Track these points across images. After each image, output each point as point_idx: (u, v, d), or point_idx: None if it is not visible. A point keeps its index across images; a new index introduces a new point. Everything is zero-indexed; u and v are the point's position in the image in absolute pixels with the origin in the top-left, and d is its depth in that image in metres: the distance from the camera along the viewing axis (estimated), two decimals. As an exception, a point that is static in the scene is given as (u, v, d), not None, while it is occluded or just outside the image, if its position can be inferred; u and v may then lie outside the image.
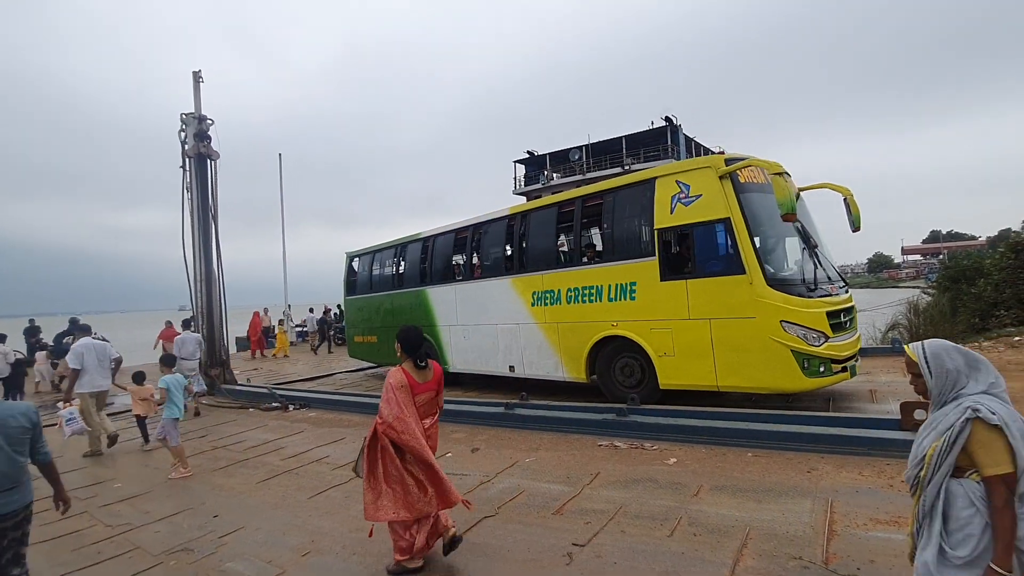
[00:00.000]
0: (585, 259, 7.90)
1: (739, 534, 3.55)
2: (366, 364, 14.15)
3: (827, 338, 5.95)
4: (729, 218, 6.17)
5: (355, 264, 13.40)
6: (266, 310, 21.16)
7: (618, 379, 7.48)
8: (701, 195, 6.44)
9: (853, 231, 6.63)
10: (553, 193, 16.78)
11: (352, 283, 13.39)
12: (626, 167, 29.88)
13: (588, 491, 4.56)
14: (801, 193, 7.02)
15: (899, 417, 4.76)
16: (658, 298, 6.80)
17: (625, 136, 32.35)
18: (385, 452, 3.38)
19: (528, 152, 36.57)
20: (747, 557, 3.27)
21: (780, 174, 6.44)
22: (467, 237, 9.89)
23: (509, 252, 9.22)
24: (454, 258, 10.45)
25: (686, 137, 32.35)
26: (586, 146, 34.11)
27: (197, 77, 11.69)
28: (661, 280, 6.77)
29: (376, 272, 12.46)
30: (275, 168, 23.79)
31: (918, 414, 4.66)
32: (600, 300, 7.45)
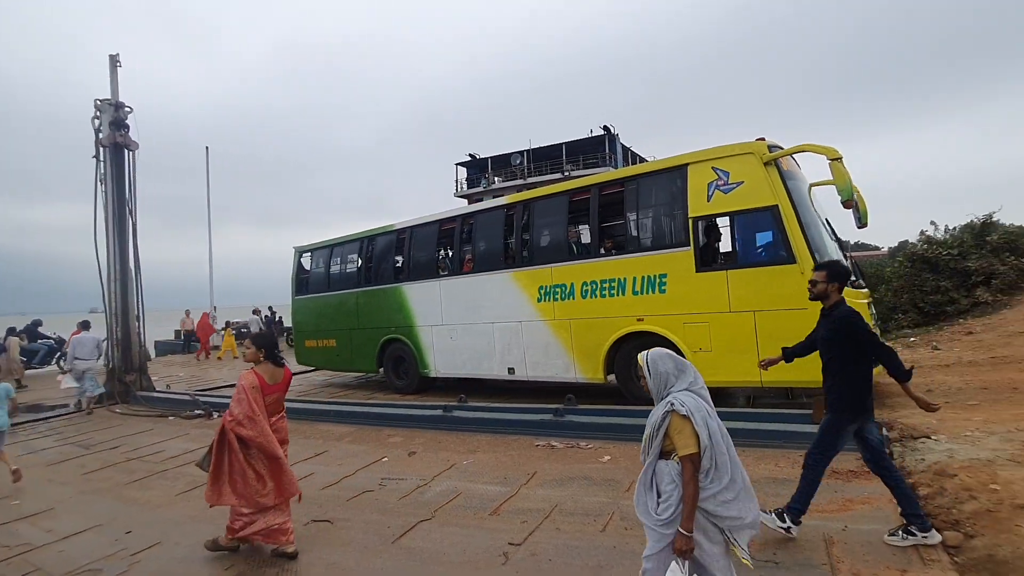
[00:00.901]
0: (604, 250, 7.39)
1: (667, 526, 3.71)
2: (310, 369, 13.40)
3: None
4: (777, 206, 5.92)
5: (306, 260, 12.18)
6: (215, 308, 20.50)
7: (639, 379, 7.05)
8: (743, 182, 6.16)
9: (844, 207, 5.87)
10: (495, 196, 16.71)
11: (303, 281, 12.07)
12: (566, 173, 30.47)
13: (525, 491, 4.62)
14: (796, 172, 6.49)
15: (811, 411, 5.14)
16: (693, 290, 6.45)
17: (565, 143, 33.00)
18: (231, 447, 3.70)
19: (470, 155, 36.54)
20: (674, 548, 3.41)
21: (838, 159, 5.97)
22: (455, 229, 9.07)
23: (509, 244, 8.46)
24: (438, 252, 9.65)
25: (623, 146, 33.45)
26: (528, 151, 34.50)
27: (114, 61, 10.88)
28: (697, 271, 6.42)
29: (335, 268, 11.26)
30: (203, 163, 22.52)
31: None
32: (623, 294, 6.96)
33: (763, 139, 6.27)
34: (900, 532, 3.23)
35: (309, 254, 12.12)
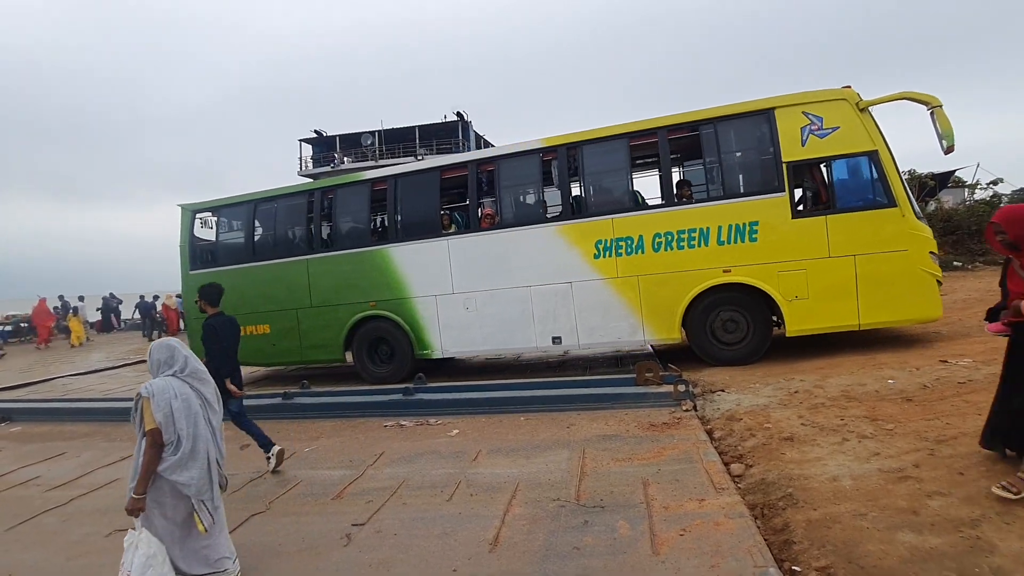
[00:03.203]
0: (679, 198, 6.92)
1: (510, 488, 3.90)
2: (104, 367, 11.46)
3: None
4: (876, 151, 6.03)
5: (202, 223, 9.39)
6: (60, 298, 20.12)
7: (718, 336, 6.72)
8: (838, 127, 6.17)
9: (945, 153, 5.93)
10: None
11: (203, 251, 9.27)
12: (419, 157, 30.01)
13: (371, 472, 4.51)
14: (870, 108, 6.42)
15: (635, 376, 5.78)
16: (788, 237, 6.33)
17: (419, 126, 32.45)
18: None
19: (316, 131, 34.11)
20: (516, 506, 3.61)
21: (940, 107, 5.99)
22: (467, 176, 7.69)
23: (551, 194, 7.61)
24: (442, 205, 8.01)
25: (476, 133, 33.91)
26: (379, 132, 33.25)
27: None
28: (793, 217, 6.32)
29: (264, 232, 8.95)
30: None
31: (649, 374, 5.74)
32: (705, 245, 6.57)
33: (849, 87, 6.41)
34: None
35: (211, 214, 9.34)
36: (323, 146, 34.84)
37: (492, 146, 33.17)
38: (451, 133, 32.46)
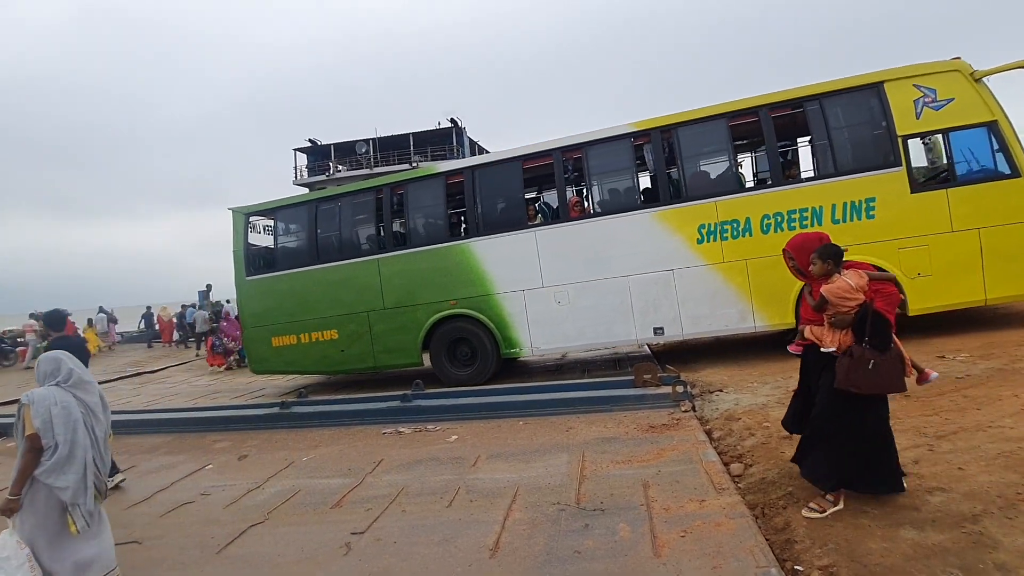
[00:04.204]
0: (787, 177, 6.78)
1: (510, 493, 3.88)
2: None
3: None
4: (996, 121, 5.95)
5: (257, 226, 9.04)
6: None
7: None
8: (953, 99, 6.06)
9: None
10: (340, 186, 15.26)
11: (260, 256, 8.85)
12: (414, 164, 30.03)
13: (370, 479, 4.48)
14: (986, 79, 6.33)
15: (633, 378, 5.77)
16: (908, 212, 6.19)
17: (413, 133, 32.49)
18: None
19: (310, 140, 34.12)
20: (516, 511, 3.59)
21: None
22: (554, 164, 7.44)
23: (644, 180, 7.35)
24: (526, 196, 7.85)
25: (470, 140, 33.97)
26: (374, 140, 33.28)
27: None
28: (912, 192, 6.19)
29: (325, 232, 8.48)
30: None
31: (647, 376, 5.73)
32: (818, 224, 6.40)
33: (959, 58, 6.35)
34: None
35: (266, 217, 8.92)
36: (318, 155, 34.86)
37: (487, 152, 33.27)
38: (445, 140, 32.51)
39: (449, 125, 32.14)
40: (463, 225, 8.08)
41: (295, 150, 34.58)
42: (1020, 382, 4.46)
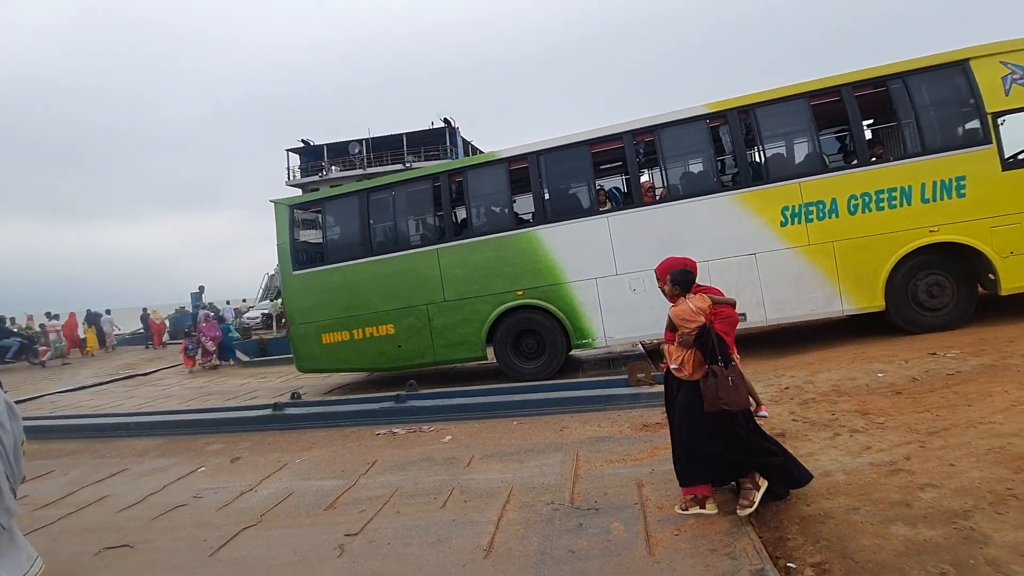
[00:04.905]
0: (874, 157, 6.68)
1: (504, 493, 3.87)
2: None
3: None
4: None
5: (300, 218, 8.75)
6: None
7: (921, 302, 6.37)
8: None
9: None
10: (333, 187, 15.07)
11: (307, 249, 8.64)
12: (407, 164, 29.98)
13: (364, 480, 4.46)
14: None
15: (626, 376, 5.77)
16: (1000, 191, 6.12)
17: (406, 133, 32.44)
18: None
19: (303, 141, 33.99)
20: (510, 511, 3.58)
21: None
22: (623, 148, 7.23)
23: (723, 161, 7.20)
24: (594, 181, 7.59)
25: (463, 140, 33.96)
26: (367, 140, 33.20)
27: None
28: (1004, 170, 6.12)
29: (378, 223, 8.14)
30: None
31: (641, 375, 5.73)
32: (907, 204, 6.30)
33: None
34: None
35: (312, 209, 8.64)
36: (311, 155, 34.74)
37: (481, 152, 33.29)
38: (438, 140, 32.48)
39: (443, 125, 32.12)
40: (529, 212, 7.83)
41: (288, 151, 34.48)
42: (1010, 378, 4.49)
